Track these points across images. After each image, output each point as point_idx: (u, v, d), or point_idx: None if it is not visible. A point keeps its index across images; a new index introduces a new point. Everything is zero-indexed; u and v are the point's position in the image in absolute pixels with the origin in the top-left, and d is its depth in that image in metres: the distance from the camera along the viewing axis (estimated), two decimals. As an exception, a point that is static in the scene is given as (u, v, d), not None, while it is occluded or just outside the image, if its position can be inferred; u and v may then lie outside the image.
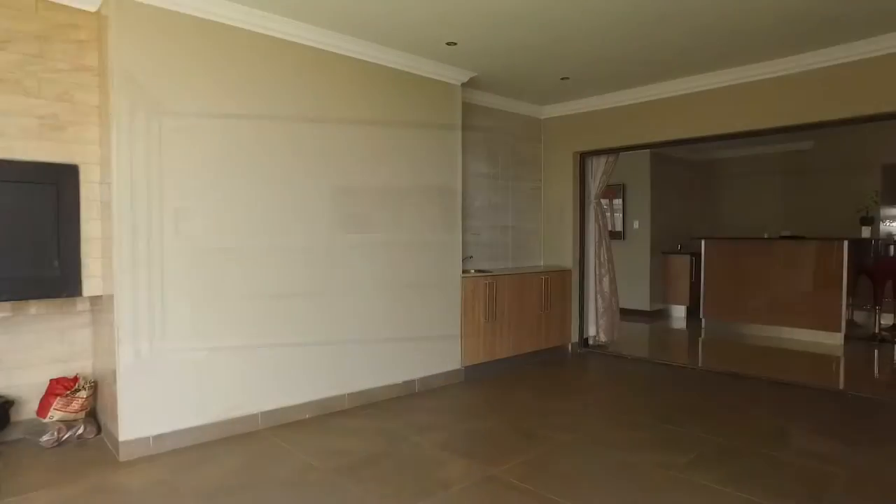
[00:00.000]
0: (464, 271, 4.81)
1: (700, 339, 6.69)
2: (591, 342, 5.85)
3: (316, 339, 3.78)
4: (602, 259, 5.80)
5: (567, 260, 5.76)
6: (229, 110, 3.38)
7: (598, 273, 5.80)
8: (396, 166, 4.23)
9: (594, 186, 5.85)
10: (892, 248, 7.36)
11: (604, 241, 5.81)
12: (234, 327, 3.41)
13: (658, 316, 8.09)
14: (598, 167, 5.82)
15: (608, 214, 8.38)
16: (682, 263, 8.04)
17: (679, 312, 8.13)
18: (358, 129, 3.99)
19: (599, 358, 5.54)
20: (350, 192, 3.95)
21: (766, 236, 7.18)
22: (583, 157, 5.79)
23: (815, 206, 7.88)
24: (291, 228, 3.66)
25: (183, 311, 3.21)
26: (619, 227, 8.30)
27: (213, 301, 3.32)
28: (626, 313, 8.04)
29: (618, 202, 8.30)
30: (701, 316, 7.16)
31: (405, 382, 4.29)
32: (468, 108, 5.19)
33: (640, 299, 8.08)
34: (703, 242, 7.15)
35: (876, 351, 5.87)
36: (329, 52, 3.83)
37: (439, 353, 4.54)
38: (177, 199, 3.19)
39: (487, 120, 5.42)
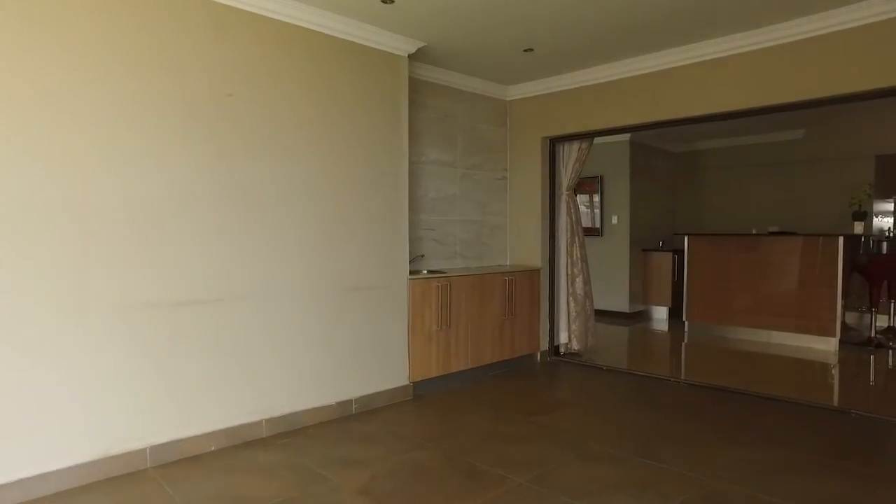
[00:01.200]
0: (413, 272, 4.17)
1: (683, 345, 6.12)
2: (562, 350, 5.24)
3: (223, 355, 3.11)
4: (575, 257, 5.19)
5: (536, 258, 5.14)
6: (118, 80, 2.70)
7: (570, 273, 5.19)
8: (329, 150, 3.57)
9: (566, 176, 5.24)
10: (885, 245, 6.88)
11: (577, 238, 5.21)
12: (106, 343, 2.72)
13: (638, 318, 7.52)
14: (570, 155, 5.21)
15: (588, 210, 7.79)
16: (663, 261, 7.48)
17: (661, 314, 7.57)
18: (281, 106, 3.33)
19: (571, 368, 4.94)
20: (269, 181, 3.28)
21: (754, 232, 6.63)
22: (553, 144, 5.17)
23: (805, 200, 7.36)
24: (183, 221, 2.98)
25: (22, 326, 2.52)
26: (596, 223, 7.71)
27: (71, 312, 2.63)
28: (604, 315, 7.47)
29: (598, 198, 7.70)
30: (684, 318, 6.59)
31: (339, 404, 3.64)
32: (419, 86, 4.54)
33: (618, 300, 7.51)
34: (686, 239, 6.59)
35: (872, 357, 5.34)
36: (243, 11, 3.15)
37: (382, 368, 3.89)
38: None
39: (443, 100, 4.78)
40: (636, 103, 4.44)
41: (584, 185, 7.80)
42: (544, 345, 5.16)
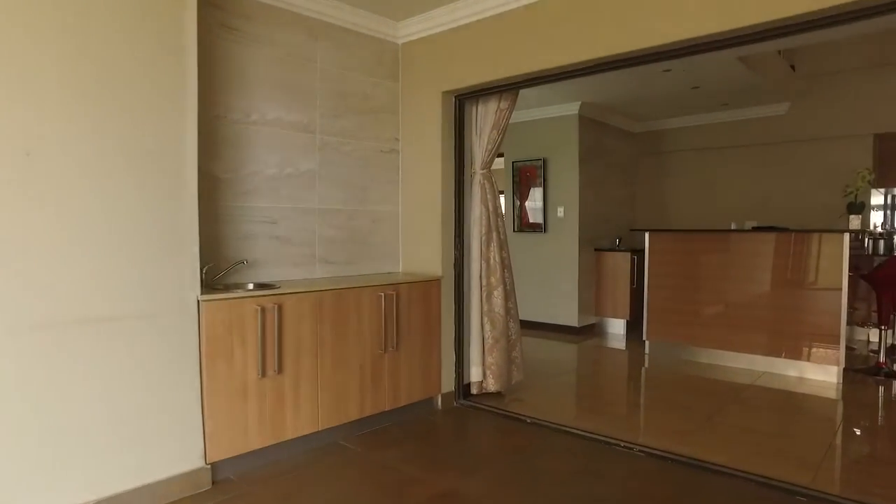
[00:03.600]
0: (217, 288, 2.65)
1: (641, 377, 4.72)
2: (474, 391, 3.77)
3: None
4: (492, 262, 3.72)
5: (435, 264, 3.66)
6: None
7: (485, 284, 3.72)
8: (54, 97, 2.02)
9: (480, 149, 3.76)
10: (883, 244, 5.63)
11: (495, 235, 3.74)
12: None
13: (589, 333, 6.12)
14: (484, 118, 3.73)
15: (530, 204, 6.34)
16: (620, 264, 6.09)
17: (617, 328, 6.19)
18: None
19: (483, 420, 3.47)
20: None
21: (732, 227, 5.29)
22: (460, 102, 3.69)
23: (790, 189, 6.06)
24: None
25: None
26: (538, 217, 6.27)
27: None
28: (547, 331, 6.05)
29: (540, 186, 6.26)
30: (644, 337, 5.20)
31: (55, 519, 2.10)
32: (254, 9, 3.02)
33: (565, 312, 6.09)
34: (646, 236, 5.19)
35: (881, 391, 4.03)
36: None
37: (150, 448, 2.36)
38: None
39: (295, 34, 3.24)
40: (570, 33, 2.99)
41: (523, 170, 6.36)
42: (448, 385, 3.69)
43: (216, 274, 2.87)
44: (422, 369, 3.48)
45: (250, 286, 2.92)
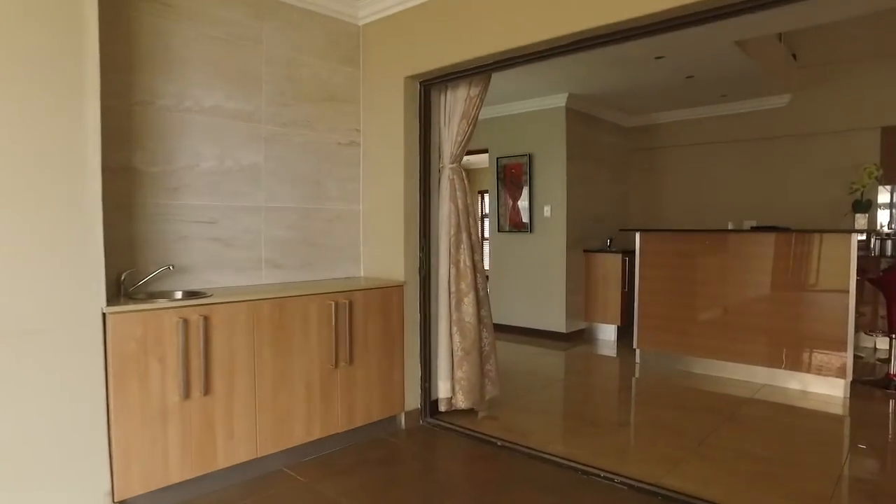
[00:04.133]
0: (143, 297, 2.30)
1: (629, 390, 4.36)
2: (443, 408, 3.42)
3: None
4: (462, 266, 3.36)
5: (398, 269, 3.30)
6: None
7: (454, 290, 3.37)
8: None
9: (449, 141, 3.41)
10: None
11: (465, 236, 3.38)
12: None
13: (577, 340, 5.76)
14: (453, 107, 3.38)
15: (513, 203, 5.99)
16: (611, 266, 5.73)
17: (607, 335, 5.83)
18: None
19: (448, 442, 3.12)
20: None
21: (730, 227, 4.93)
22: (426, 90, 3.34)
23: (792, 187, 5.70)
24: None
25: None
26: (524, 216, 5.92)
27: None
28: (533, 337, 5.70)
29: (526, 184, 5.90)
30: (634, 345, 4.85)
31: None
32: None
33: (552, 317, 5.73)
34: (637, 236, 4.83)
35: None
36: None
37: (51, 486, 2.01)
38: None
39: (236, 11, 2.89)
40: (542, 8, 2.63)
41: (509, 167, 6.00)
42: (413, 402, 3.33)
43: (137, 281, 2.52)
44: (382, 385, 3.13)
45: (178, 294, 2.57)
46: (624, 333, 5.59)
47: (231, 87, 2.88)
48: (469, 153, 6.61)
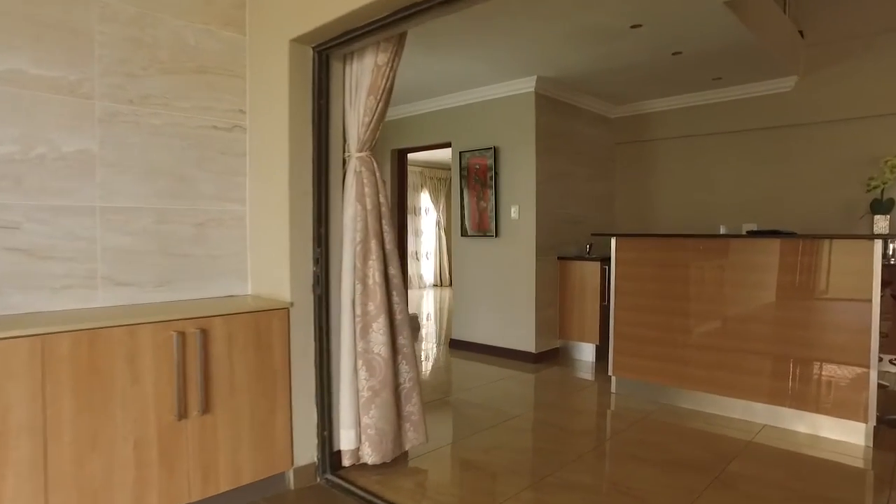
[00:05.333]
0: None
1: (599, 433, 3.60)
2: (347, 461, 2.68)
3: None
4: (371, 282, 2.63)
5: (283, 286, 2.58)
6: None
7: (359, 313, 2.63)
8: None
9: (356, 123, 2.68)
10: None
11: (374, 243, 2.65)
12: None
13: (550, 360, 5.01)
14: (360, 80, 2.66)
15: (477, 204, 5.26)
16: (589, 276, 4.98)
17: (585, 354, 5.08)
18: None
19: (343, 515, 2.38)
20: None
21: (722, 231, 4.18)
22: (322, 56, 2.61)
23: (797, 184, 4.93)
24: None
25: None
26: (489, 219, 5.19)
27: None
28: (500, 357, 4.98)
29: (491, 183, 5.17)
30: (610, 372, 4.09)
31: None
32: None
33: (519, 334, 4.99)
34: (612, 242, 4.08)
35: (934, 461, 2.90)
36: None
37: None
38: None
39: (43, -58, 2.18)
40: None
41: (473, 162, 5.27)
42: (307, 455, 2.60)
43: None
44: (258, 437, 2.40)
45: (-63, 328, 1.86)
46: (603, 353, 4.83)
47: (41, 48, 2.17)
48: (431, 147, 5.92)
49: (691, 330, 3.69)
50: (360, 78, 2.65)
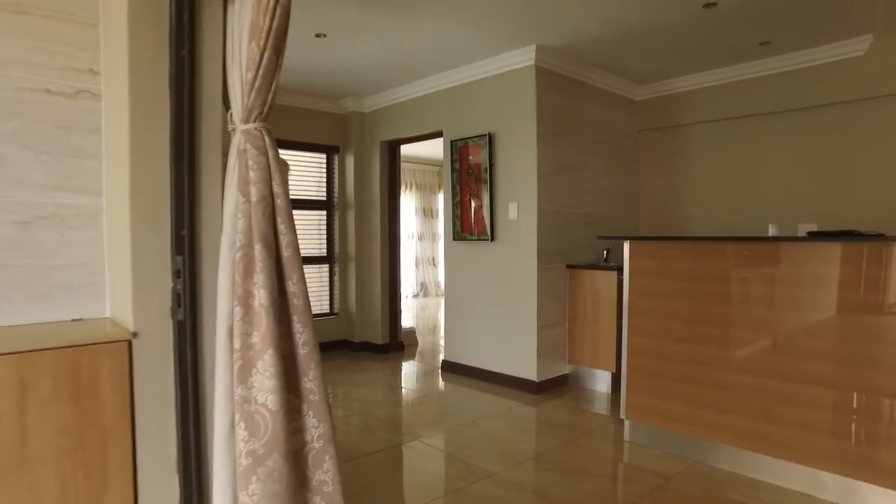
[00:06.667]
0: None
1: None
2: (226, 558, 1.91)
3: None
4: (255, 305, 1.86)
5: (125, 310, 1.84)
6: None
7: (239, 348, 1.86)
8: None
9: (238, 82, 1.92)
10: None
11: (259, 252, 1.88)
12: None
13: (554, 391, 4.14)
14: (241, 21, 1.90)
15: (471, 201, 4.49)
16: (604, 288, 4.10)
17: (599, 384, 4.19)
18: None
19: None
20: None
21: (772, 234, 3.25)
22: (187, -12, 1.87)
23: (873, 175, 3.92)
24: None
25: None
26: (485, 220, 4.37)
27: None
28: (494, 383, 4.16)
29: (486, 178, 4.35)
30: (622, 415, 3.21)
31: None
32: None
33: (518, 358, 4.15)
34: (625, 247, 3.20)
35: None
36: None
37: None
38: None
39: None
40: None
41: (465, 152, 4.47)
42: (158, 553, 1.85)
43: None
44: (74, 533, 1.66)
45: None
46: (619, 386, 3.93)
47: None
48: (422, 138, 5.14)
49: (731, 364, 2.77)
50: (242, 20, 1.89)
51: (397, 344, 5.69)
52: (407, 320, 7.37)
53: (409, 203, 10.31)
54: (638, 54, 4.15)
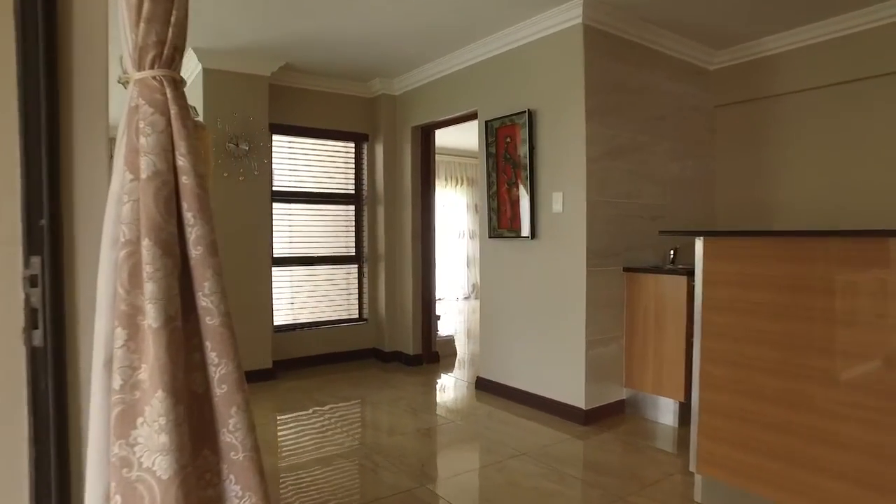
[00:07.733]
0: None
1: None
2: None
3: None
4: (143, 326, 1.31)
5: (-36, 331, 1.32)
6: None
7: (119, 387, 1.31)
8: None
9: (126, 11, 1.38)
10: None
11: (148, 251, 1.32)
12: None
13: (606, 422, 3.41)
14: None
15: (508, 193, 3.84)
16: (671, 296, 3.33)
17: (663, 414, 3.42)
18: None
19: None
20: None
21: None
22: None
23: None
24: None
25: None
26: (522, 215, 3.70)
27: None
28: (535, 408, 3.49)
29: (526, 164, 3.68)
30: (692, 467, 2.45)
31: None
32: None
33: (563, 380, 3.46)
34: (698, 245, 2.45)
35: None
36: None
37: None
38: None
39: None
40: None
41: (503, 134, 3.82)
42: None
43: None
44: None
45: None
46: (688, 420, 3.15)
47: None
48: (456, 121, 4.51)
49: (841, 410, 1.98)
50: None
51: (431, 355, 5.11)
52: (450, 326, 6.77)
53: (460, 199, 9.76)
54: (714, 8, 3.35)
